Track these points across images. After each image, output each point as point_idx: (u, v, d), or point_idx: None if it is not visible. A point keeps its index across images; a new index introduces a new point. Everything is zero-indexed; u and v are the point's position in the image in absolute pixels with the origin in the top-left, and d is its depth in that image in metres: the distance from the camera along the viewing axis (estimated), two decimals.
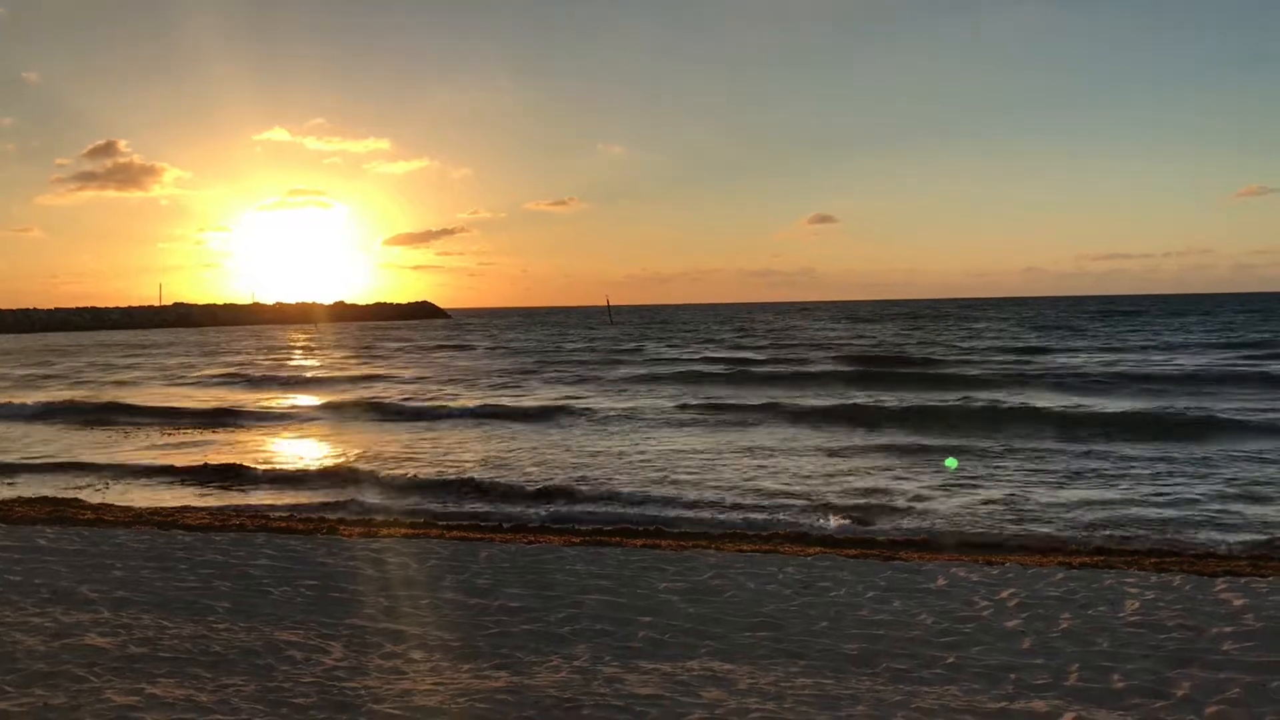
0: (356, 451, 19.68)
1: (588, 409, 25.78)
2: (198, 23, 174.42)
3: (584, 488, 15.07)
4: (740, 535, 11.59)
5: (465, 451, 19.27)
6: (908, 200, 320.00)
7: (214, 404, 29.10)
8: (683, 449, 19.02)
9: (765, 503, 14.00)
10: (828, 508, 13.54)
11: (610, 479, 15.85)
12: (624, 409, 25.68)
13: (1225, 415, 21.35)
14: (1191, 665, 6.07)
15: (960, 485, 15.04)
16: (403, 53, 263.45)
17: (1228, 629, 6.83)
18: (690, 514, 13.36)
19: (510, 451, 19.18)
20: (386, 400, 29.26)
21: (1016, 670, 6.03)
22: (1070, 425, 20.94)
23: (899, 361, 40.14)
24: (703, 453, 18.54)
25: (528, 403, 27.84)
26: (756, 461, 17.59)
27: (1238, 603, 7.53)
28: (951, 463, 17.93)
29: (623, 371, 38.79)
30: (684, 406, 25.92)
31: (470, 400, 28.67)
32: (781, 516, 13.03)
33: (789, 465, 17.12)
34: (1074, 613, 7.31)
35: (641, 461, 17.65)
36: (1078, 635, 6.74)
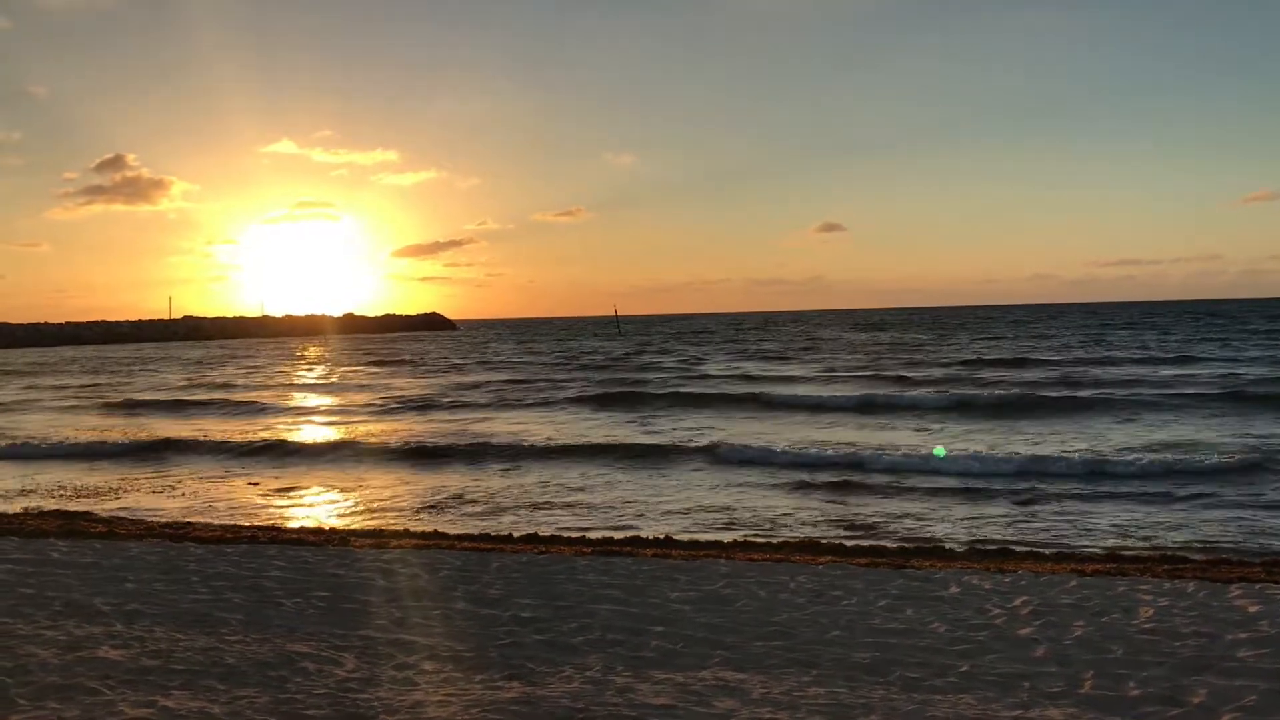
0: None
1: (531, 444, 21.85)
2: (204, 36, 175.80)
3: None
4: (751, 544, 11.57)
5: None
6: (916, 207, 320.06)
7: (127, 436, 24.96)
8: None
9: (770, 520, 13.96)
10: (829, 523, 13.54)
11: None
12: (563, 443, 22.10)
13: None
14: (1207, 672, 6.04)
15: (971, 495, 15.01)
16: (409, 64, 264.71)
17: (1243, 635, 6.79)
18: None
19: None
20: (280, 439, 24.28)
21: (1030, 678, 6.00)
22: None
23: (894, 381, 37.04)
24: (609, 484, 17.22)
25: (488, 431, 24.72)
26: (755, 476, 17.57)
27: (1252, 609, 7.49)
28: (939, 451, 17.99)
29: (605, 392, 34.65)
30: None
31: (401, 430, 25.57)
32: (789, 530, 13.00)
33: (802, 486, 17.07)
34: (1088, 620, 7.28)
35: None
36: (1092, 643, 6.71)
